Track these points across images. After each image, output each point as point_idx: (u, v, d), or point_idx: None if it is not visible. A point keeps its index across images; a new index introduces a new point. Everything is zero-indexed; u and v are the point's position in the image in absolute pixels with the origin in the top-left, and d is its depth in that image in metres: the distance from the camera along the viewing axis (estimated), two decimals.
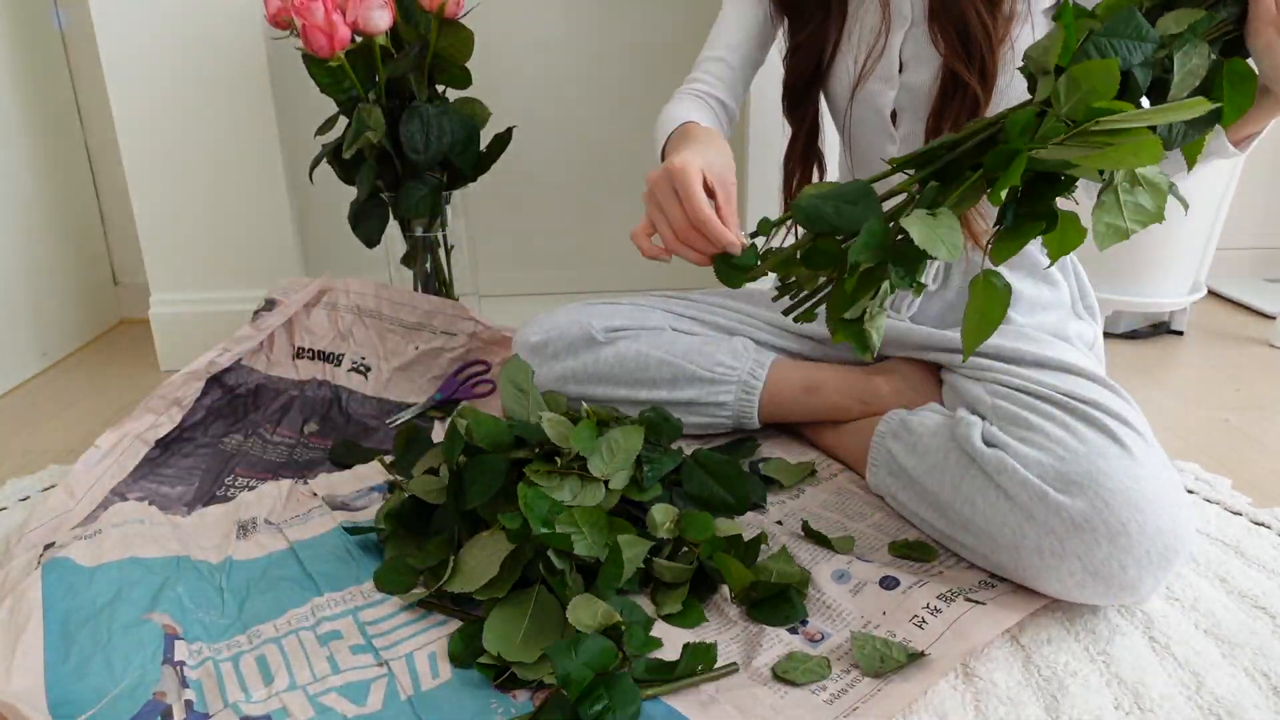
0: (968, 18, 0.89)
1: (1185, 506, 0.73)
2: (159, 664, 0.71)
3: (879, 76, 0.99)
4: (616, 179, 1.74)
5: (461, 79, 1.28)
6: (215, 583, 0.84)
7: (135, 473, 1.06)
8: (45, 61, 1.58)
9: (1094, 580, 0.73)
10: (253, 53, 1.40)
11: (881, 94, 0.99)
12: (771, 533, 0.91)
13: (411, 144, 1.20)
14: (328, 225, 1.64)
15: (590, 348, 1.08)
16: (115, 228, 1.76)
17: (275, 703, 0.70)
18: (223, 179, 1.46)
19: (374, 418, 1.23)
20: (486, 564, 0.79)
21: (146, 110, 1.42)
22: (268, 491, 0.99)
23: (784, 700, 0.68)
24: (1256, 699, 0.69)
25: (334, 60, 1.17)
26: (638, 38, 1.66)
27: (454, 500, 0.85)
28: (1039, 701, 0.69)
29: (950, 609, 0.76)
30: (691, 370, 1.06)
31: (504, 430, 0.88)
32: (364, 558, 0.89)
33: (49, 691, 0.67)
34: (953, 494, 0.83)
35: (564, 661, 0.67)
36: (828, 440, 1.07)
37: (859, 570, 0.83)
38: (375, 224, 1.29)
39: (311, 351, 1.30)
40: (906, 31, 0.96)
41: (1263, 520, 0.95)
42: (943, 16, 0.91)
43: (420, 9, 1.23)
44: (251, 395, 1.24)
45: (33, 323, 1.51)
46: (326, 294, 1.32)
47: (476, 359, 1.27)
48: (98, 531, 0.86)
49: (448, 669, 0.73)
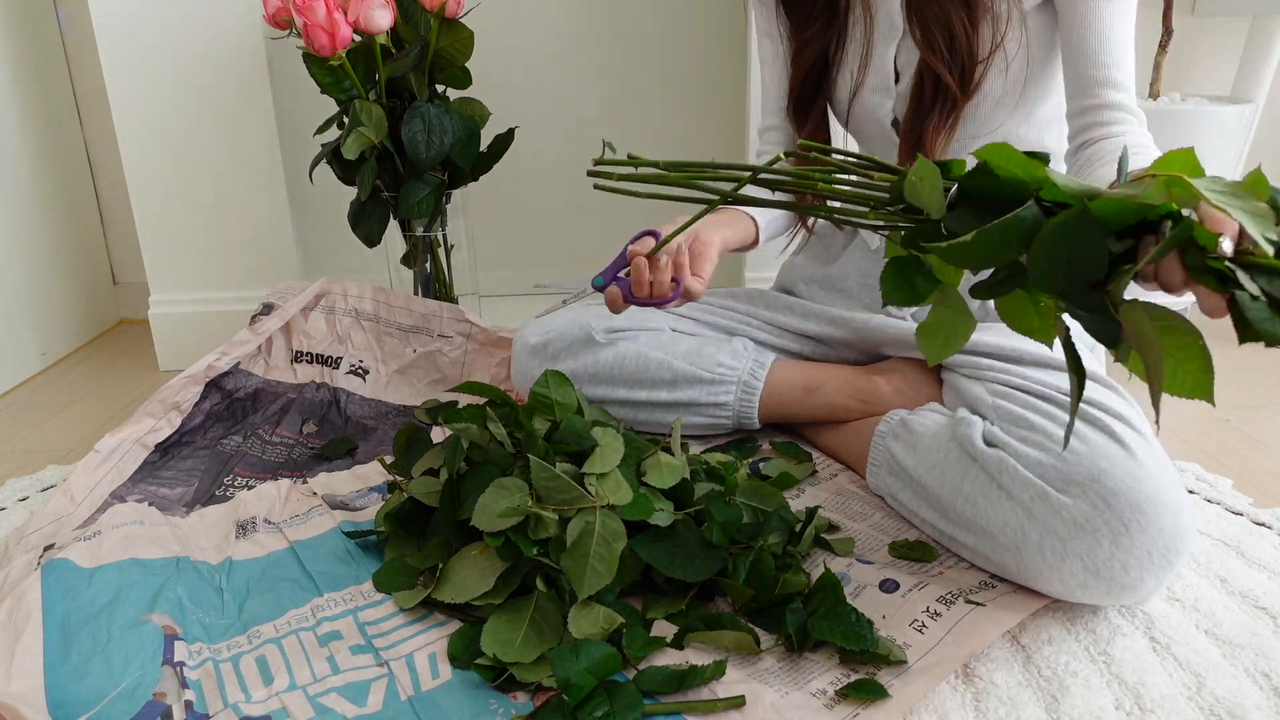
0: (950, 20, 0.90)
1: (1187, 507, 0.73)
2: (159, 665, 0.71)
3: (874, 88, 1.00)
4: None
5: (461, 79, 1.28)
6: (215, 583, 0.84)
7: (134, 476, 1.06)
8: (45, 61, 1.58)
9: (1096, 580, 0.73)
10: (253, 53, 1.40)
11: (880, 105, 1.01)
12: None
13: (413, 144, 1.20)
14: (328, 225, 1.64)
15: (590, 348, 1.08)
16: (115, 228, 1.76)
17: (275, 703, 0.70)
18: (223, 179, 1.46)
19: (372, 419, 1.23)
20: (479, 578, 0.79)
21: (146, 110, 1.42)
22: (267, 491, 0.99)
23: (785, 700, 0.67)
24: (1257, 699, 0.69)
25: (335, 59, 1.17)
26: (638, 38, 1.66)
27: (449, 509, 0.85)
28: (1039, 701, 0.69)
29: (950, 612, 0.76)
30: (692, 371, 1.06)
31: (505, 455, 0.88)
32: (364, 558, 0.89)
33: (49, 692, 0.67)
34: (954, 494, 0.83)
35: (565, 666, 0.67)
36: (828, 440, 1.07)
37: (858, 573, 0.83)
38: (375, 224, 1.29)
39: (309, 355, 1.30)
40: (899, 42, 0.97)
41: (1263, 520, 0.94)
42: (922, 18, 0.92)
43: (421, 9, 1.23)
44: (250, 399, 1.24)
45: (33, 323, 1.51)
46: (324, 297, 1.32)
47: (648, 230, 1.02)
48: (97, 533, 0.86)
49: (448, 669, 0.73)
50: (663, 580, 0.79)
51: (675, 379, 1.06)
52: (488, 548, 0.81)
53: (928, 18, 0.93)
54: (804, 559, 0.86)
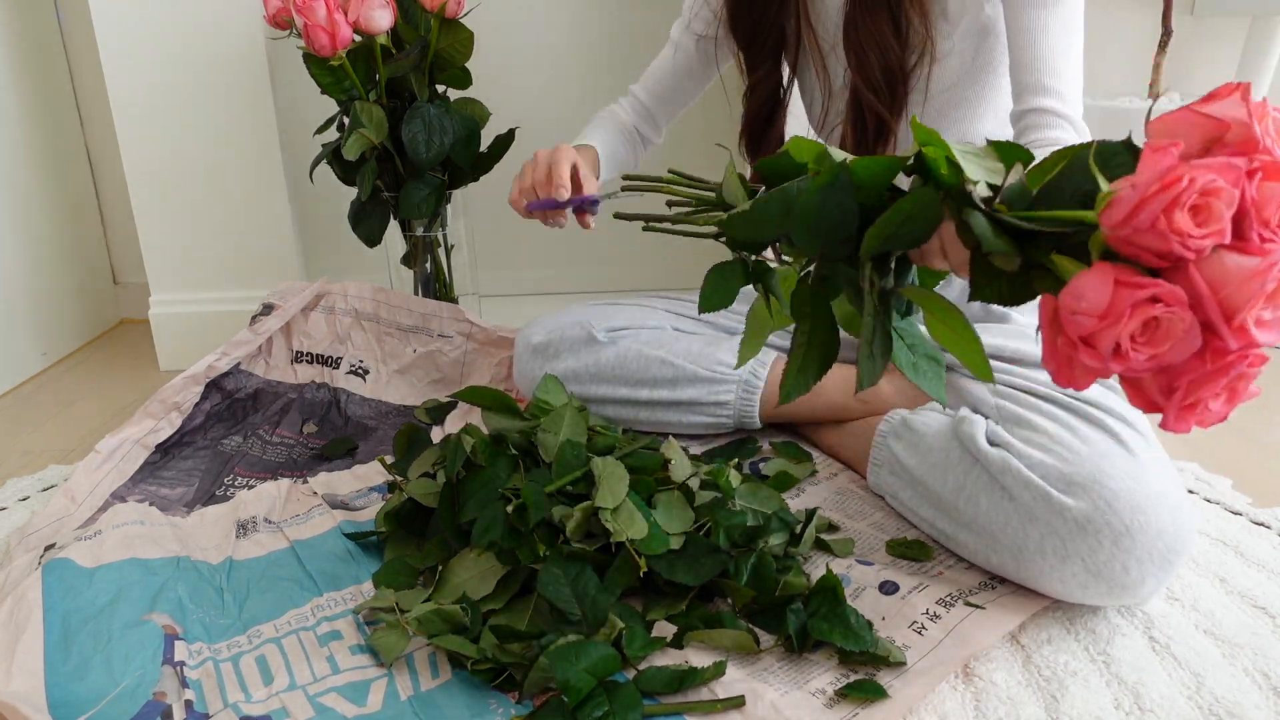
0: (884, 48, 0.94)
1: (1187, 507, 0.73)
2: (159, 664, 0.71)
3: (832, 124, 1.05)
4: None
5: (462, 79, 1.28)
6: (215, 583, 0.84)
7: (135, 476, 1.06)
8: (45, 61, 1.58)
9: (1096, 581, 0.73)
10: (253, 53, 1.40)
11: (831, 137, 1.06)
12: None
13: (414, 144, 1.20)
14: (328, 225, 1.64)
15: (591, 348, 1.08)
16: (115, 228, 1.76)
17: (275, 703, 0.70)
18: (222, 179, 1.46)
19: (372, 419, 1.23)
20: (479, 580, 0.79)
21: (146, 110, 1.42)
22: (267, 490, 0.99)
23: (784, 699, 0.68)
24: (1257, 699, 0.69)
25: (335, 59, 1.17)
26: (637, 37, 1.66)
27: (448, 513, 0.85)
28: (1039, 701, 0.69)
29: (950, 614, 0.76)
30: (693, 370, 1.06)
31: (505, 462, 0.88)
32: (364, 558, 0.89)
33: (49, 692, 0.67)
34: (955, 493, 0.83)
35: (564, 667, 0.67)
36: (829, 440, 1.07)
37: (858, 574, 0.83)
38: (376, 224, 1.29)
39: (310, 355, 1.30)
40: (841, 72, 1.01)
41: (1262, 520, 0.94)
42: (855, 42, 0.96)
43: (421, 9, 1.23)
44: (250, 399, 1.24)
45: (33, 323, 1.51)
46: (324, 298, 1.32)
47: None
48: (98, 532, 0.86)
49: (448, 669, 0.73)
50: (663, 581, 0.79)
51: (676, 378, 1.06)
52: (485, 552, 0.81)
53: (861, 42, 0.95)
54: (804, 560, 0.86)
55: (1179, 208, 0.43)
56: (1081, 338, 0.46)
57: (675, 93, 1.17)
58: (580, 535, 0.80)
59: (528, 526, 0.79)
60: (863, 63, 0.96)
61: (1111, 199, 0.46)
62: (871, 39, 0.94)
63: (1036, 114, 0.89)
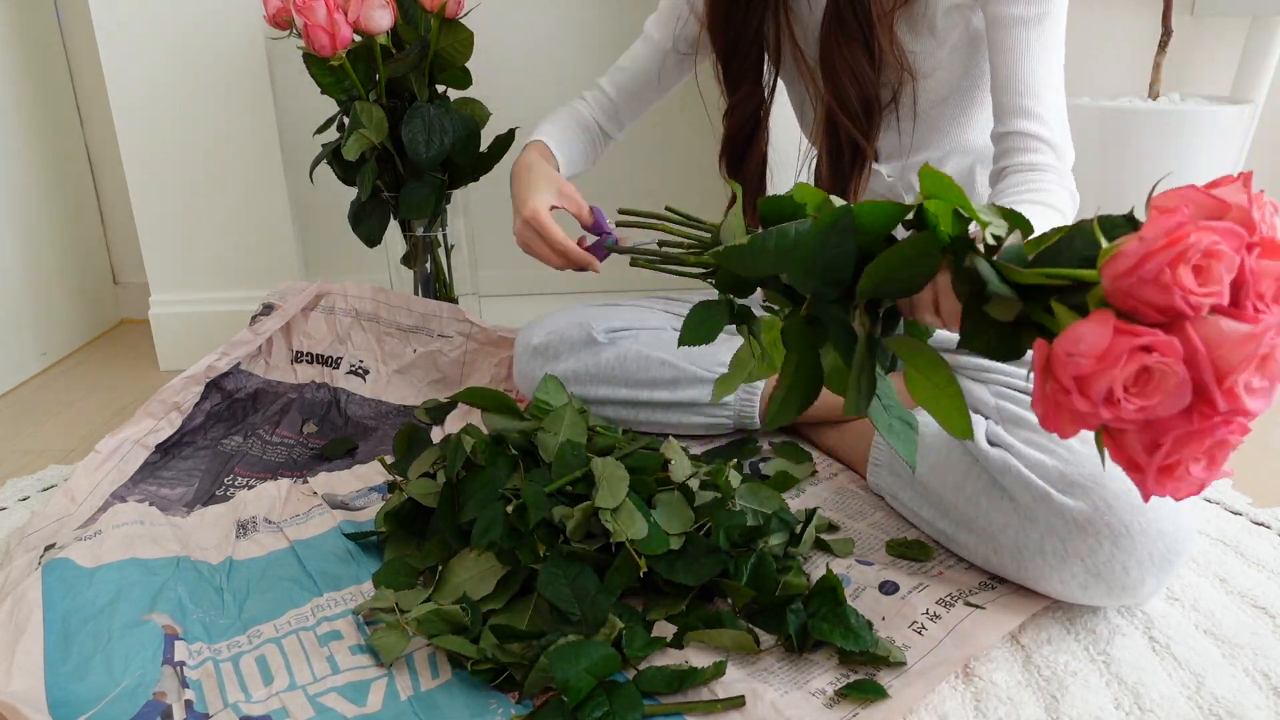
0: (860, 77, 0.95)
1: (1187, 508, 0.73)
2: (159, 664, 0.71)
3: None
4: (616, 178, 1.74)
5: (462, 79, 1.28)
6: (215, 583, 0.84)
7: (135, 476, 1.06)
8: (45, 61, 1.58)
9: (1096, 581, 0.73)
10: (253, 53, 1.40)
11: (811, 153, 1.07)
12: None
13: (414, 144, 1.20)
14: (328, 225, 1.64)
15: (591, 349, 1.08)
16: (115, 228, 1.76)
17: (275, 703, 0.70)
18: (222, 179, 1.46)
19: (372, 419, 1.23)
20: (479, 580, 0.79)
21: (146, 110, 1.42)
22: (267, 490, 0.99)
23: (784, 699, 0.68)
24: (1257, 699, 0.69)
25: (335, 60, 1.17)
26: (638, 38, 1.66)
27: (448, 513, 0.85)
28: (1039, 701, 0.69)
29: (950, 614, 0.76)
30: (693, 370, 1.06)
31: (505, 462, 0.88)
32: (364, 558, 0.89)
33: (49, 692, 0.67)
34: (955, 494, 0.83)
35: (564, 667, 0.67)
36: (829, 440, 1.07)
37: (858, 574, 0.83)
38: (376, 224, 1.29)
39: (310, 355, 1.30)
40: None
41: (1262, 520, 0.95)
42: (831, 71, 0.96)
43: (421, 9, 1.23)
44: (250, 399, 1.24)
45: (33, 323, 1.51)
46: (324, 298, 1.32)
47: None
48: (98, 532, 0.86)
49: (448, 669, 0.73)
50: (663, 581, 0.79)
51: (677, 378, 1.06)
52: (486, 552, 0.81)
53: (837, 70, 0.95)
54: (804, 561, 0.86)
55: (1183, 263, 0.44)
56: (1076, 378, 0.47)
57: (645, 90, 1.15)
58: (580, 535, 0.80)
59: (528, 527, 0.79)
60: (839, 91, 0.96)
61: (1116, 251, 0.47)
62: (846, 67, 0.94)
63: (1018, 137, 0.89)
